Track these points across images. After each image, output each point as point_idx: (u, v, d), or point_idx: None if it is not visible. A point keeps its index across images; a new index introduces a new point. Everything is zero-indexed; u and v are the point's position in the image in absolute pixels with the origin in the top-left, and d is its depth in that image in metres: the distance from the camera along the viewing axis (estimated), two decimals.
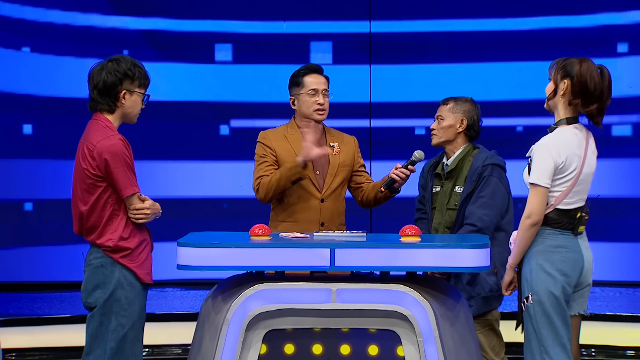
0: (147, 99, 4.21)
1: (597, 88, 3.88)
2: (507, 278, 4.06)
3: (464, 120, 4.82)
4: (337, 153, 4.84)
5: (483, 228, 4.62)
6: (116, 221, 4.06)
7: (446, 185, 4.83)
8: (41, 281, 8.50)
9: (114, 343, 4.03)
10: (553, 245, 3.91)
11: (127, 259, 4.04)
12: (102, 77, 4.08)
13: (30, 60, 8.59)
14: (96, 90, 4.11)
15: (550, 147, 3.89)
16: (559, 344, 3.88)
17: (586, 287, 4.02)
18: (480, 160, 4.73)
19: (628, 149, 8.57)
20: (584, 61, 3.91)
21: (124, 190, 4.02)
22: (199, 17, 8.84)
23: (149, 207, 4.08)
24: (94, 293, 4.06)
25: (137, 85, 4.14)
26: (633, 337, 6.51)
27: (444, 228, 4.79)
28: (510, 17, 8.72)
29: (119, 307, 4.03)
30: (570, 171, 3.91)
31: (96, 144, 4.03)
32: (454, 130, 4.83)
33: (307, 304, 3.76)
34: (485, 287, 4.66)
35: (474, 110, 4.86)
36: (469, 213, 4.67)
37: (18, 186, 8.62)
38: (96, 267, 4.06)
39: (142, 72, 4.16)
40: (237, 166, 8.58)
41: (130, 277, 4.04)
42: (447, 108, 4.86)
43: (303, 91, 4.78)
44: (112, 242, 4.03)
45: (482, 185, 4.69)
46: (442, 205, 4.81)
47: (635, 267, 8.55)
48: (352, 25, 8.85)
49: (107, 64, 4.12)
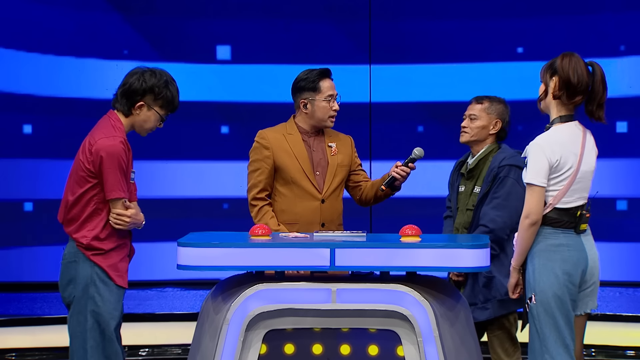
0: (163, 122, 4.21)
1: (582, 80, 3.89)
2: (512, 280, 4.04)
3: (497, 122, 4.79)
4: (335, 153, 4.84)
5: (496, 229, 4.60)
6: (96, 220, 4.05)
7: (467, 186, 4.80)
8: (41, 281, 8.49)
9: (93, 341, 4.02)
10: (554, 244, 3.91)
11: (100, 257, 4.03)
12: (132, 80, 4.10)
13: (30, 60, 8.59)
14: (121, 89, 4.13)
15: (543, 146, 3.89)
16: (562, 344, 3.87)
17: (592, 286, 4.00)
18: (497, 161, 4.69)
19: (628, 148, 8.57)
20: (566, 55, 3.95)
21: (110, 192, 4.02)
22: (199, 16, 8.84)
23: (129, 215, 4.06)
24: (68, 288, 4.07)
25: (159, 105, 4.14)
26: (633, 337, 6.52)
27: (463, 228, 4.76)
28: (510, 17, 8.72)
29: (93, 304, 4.02)
30: (567, 169, 3.91)
31: (97, 140, 4.04)
32: (487, 132, 4.79)
33: (307, 304, 3.76)
34: (501, 290, 4.61)
35: (507, 112, 4.83)
36: (483, 214, 4.64)
37: (18, 186, 8.62)
38: (69, 262, 4.07)
39: (170, 95, 4.15)
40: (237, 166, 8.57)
41: (102, 275, 4.03)
42: (481, 107, 4.81)
43: (319, 97, 4.75)
44: (86, 240, 4.03)
45: (497, 186, 4.66)
46: (463, 205, 4.79)
47: (635, 267, 8.55)
48: (352, 25, 8.85)
49: (145, 72, 4.13)
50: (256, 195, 4.74)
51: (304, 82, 4.77)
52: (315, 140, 4.83)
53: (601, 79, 3.94)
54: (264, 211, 4.69)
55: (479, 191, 4.71)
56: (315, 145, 4.82)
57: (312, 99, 4.76)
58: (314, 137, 4.83)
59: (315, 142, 4.83)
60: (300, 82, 4.78)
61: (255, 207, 4.72)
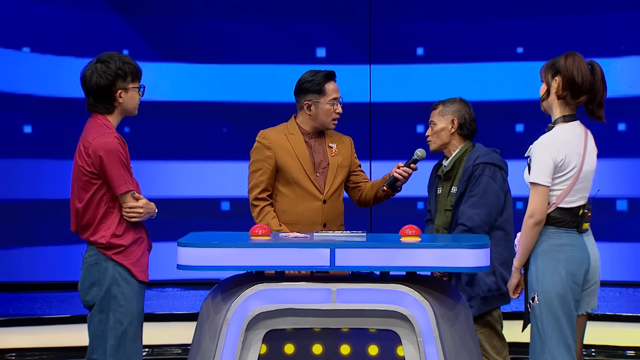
0: (144, 89, 4.21)
1: (586, 80, 3.90)
2: (514, 280, 4.04)
3: (454, 120, 4.82)
4: (336, 154, 4.84)
5: (474, 227, 4.62)
6: (110, 218, 4.06)
7: (445, 187, 4.83)
8: (41, 281, 8.50)
9: (114, 340, 4.03)
10: (558, 244, 3.91)
11: (121, 255, 4.04)
12: (94, 81, 4.09)
13: (30, 60, 8.59)
14: (91, 95, 4.12)
15: (548, 145, 3.89)
16: (563, 344, 3.87)
17: (593, 286, 4.00)
18: (471, 160, 4.73)
19: (628, 148, 8.57)
20: (569, 55, 3.95)
21: (118, 187, 4.03)
22: (199, 16, 8.83)
23: (142, 205, 4.07)
24: (91, 291, 4.07)
25: (131, 81, 4.14)
26: (633, 337, 6.51)
27: (443, 229, 4.80)
28: (510, 17, 8.71)
29: (115, 304, 4.03)
30: (570, 169, 3.91)
31: (91, 141, 4.04)
32: (447, 133, 4.82)
33: (307, 304, 3.77)
34: (484, 288, 4.66)
35: (464, 108, 4.85)
36: (460, 213, 4.67)
37: (18, 186, 8.61)
38: (91, 265, 4.07)
39: (132, 66, 4.15)
40: (238, 166, 8.57)
41: (125, 273, 4.04)
42: (436, 112, 4.86)
43: (324, 99, 4.76)
44: (105, 239, 4.04)
45: (473, 184, 4.69)
46: (442, 206, 4.82)
47: (635, 267, 8.55)
48: (352, 25, 8.85)
49: (97, 66, 4.11)
50: (258, 195, 4.74)
51: (309, 83, 4.77)
52: (317, 141, 4.83)
53: (601, 78, 3.95)
54: (266, 211, 4.69)
55: (456, 191, 4.73)
56: (317, 145, 4.82)
57: (317, 101, 4.76)
58: (315, 138, 4.83)
59: (316, 142, 4.83)
60: (305, 83, 4.78)
61: (257, 208, 4.72)
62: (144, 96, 4.23)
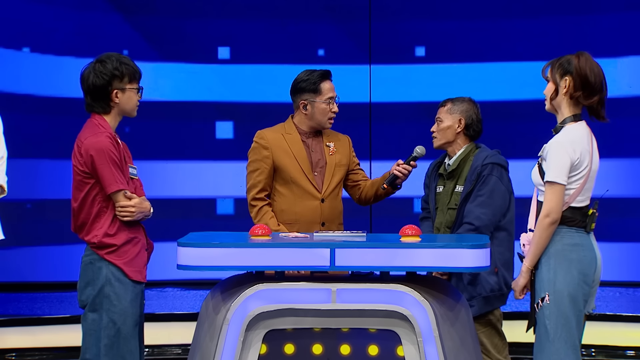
0: (142, 91, 4.21)
1: (598, 80, 3.89)
2: (523, 281, 3.97)
3: (462, 120, 4.82)
4: (334, 153, 4.85)
5: (481, 227, 4.62)
6: (103, 217, 4.06)
7: (448, 185, 4.83)
8: (41, 281, 8.50)
9: (107, 340, 4.03)
10: (571, 243, 3.88)
11: (114, 255, 4.04)
12: (91, 80, 4.10)
13: (30, 60, 8.59)
14: (89, 95, 4.13)
15: (565, 144, 3.86)
16: (571, 345, 3.84)
17: (595, 287, 3.99)
18: (480, 160, 4.73)
19: (628, 148, 8.57)
20: (581, 55, 3.94)
21: (109, 186, 4.03)
22: (199, 16, 8.83)
23: (134, 205, 4.07)
24: (85, 291, 4.08)
25: (128, 82, 4.14)
26: (633, 337, 6.51)
27: (445, 228, 4.79)
28: (510, 17, 8.71)
29: (108, 303, 4.03)
30: (584, 168, 3.88)
31: (84, 140, 4.06)
32: (453, 131, 4.83)
33: (307, 304, 3.76)
34: (486, 287, 4.66)
35: (472, 109, 4.85)
36: (467, 212, 4.67)
37: (18, 186, 8.60)
38: (86, 265, 4.08)
39: (130, 67, 4.15)
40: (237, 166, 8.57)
41: (118, 273, 4.04)
42: (444, 110, 4.86)
43: (320, 99, 4.76)
44: (97, 239, 4.04)
45: (481, 184, 4.69)
46: (444, 204, 4.81)
47: (635, 267, 8.55)
48: (352, 25, 8.85)
49: (95, 66, 4.13)
50: (256, 195, 4.74)
51: (305, 83, 4.77)
52: (314, 140, 4.84)
53: (603, 76, 3.94)
54: (264, 211, 4.70)
55: (462, 190, 4.73)
56: (314, 145, 4.83)
57: (312, 101, 4.76)
58: (312, 137, 4.83)
59: (313, 142, 4.83)
60: (301, 82, 4.79)
61: (255, 208, 4.73)
62: (143, 97, 4.23)
